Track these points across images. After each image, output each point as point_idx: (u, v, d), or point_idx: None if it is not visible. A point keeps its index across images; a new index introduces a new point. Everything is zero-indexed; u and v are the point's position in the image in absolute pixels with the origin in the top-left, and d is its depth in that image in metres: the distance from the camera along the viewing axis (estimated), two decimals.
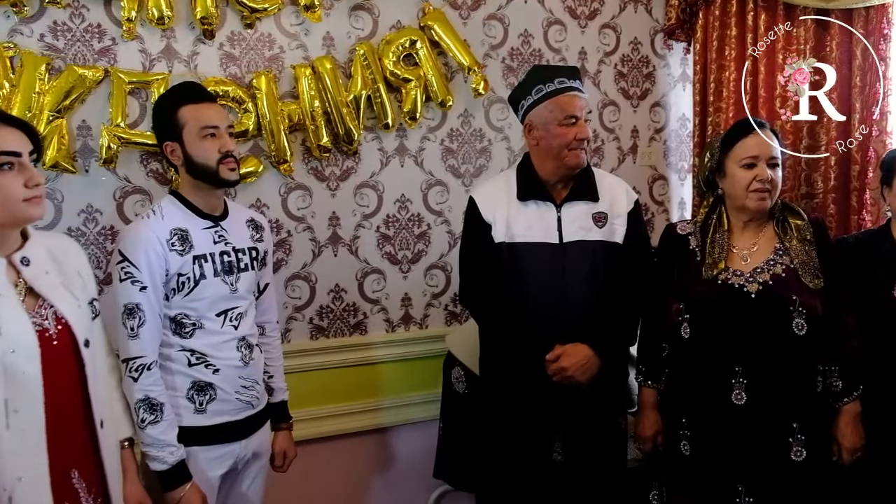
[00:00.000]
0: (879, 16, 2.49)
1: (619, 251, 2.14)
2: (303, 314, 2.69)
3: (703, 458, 2.01)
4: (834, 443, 1.98)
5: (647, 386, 2.16)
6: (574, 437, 2.18)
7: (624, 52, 3.17)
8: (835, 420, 1.97)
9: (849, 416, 1.97)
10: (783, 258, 1.96)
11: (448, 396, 2.60)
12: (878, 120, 2.52)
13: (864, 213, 2.59)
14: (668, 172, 3.32)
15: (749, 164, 1.97)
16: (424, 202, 2.85)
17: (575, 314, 2.08)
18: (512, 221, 2.14)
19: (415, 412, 2.83)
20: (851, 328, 1.98)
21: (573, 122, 2.08)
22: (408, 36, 2.68)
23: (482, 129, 2.91)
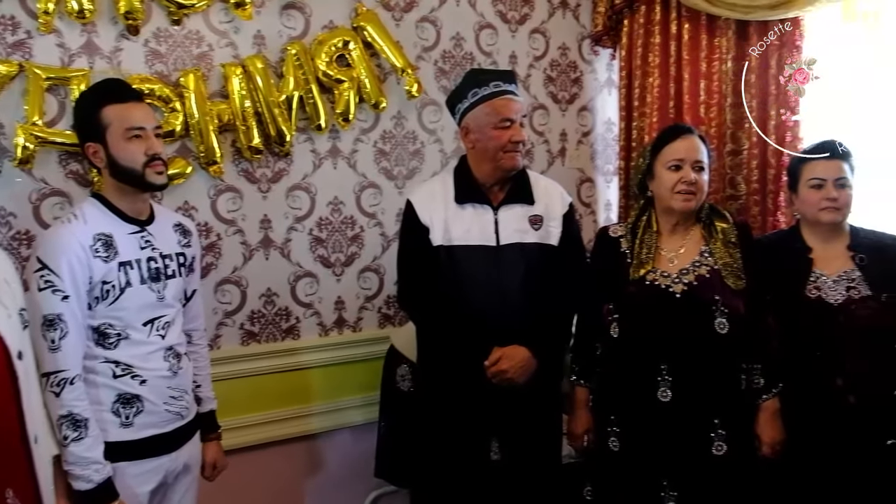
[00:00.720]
0: (793, 28, 2.61)
1: (555, 253, 2.18)
2: (233, 319, 2.62)
3: (630, 454, 2.07)
4: (756, 438, 2.06)
5: (580, 385, 2.21)
6: (511, 436, 2.21)
7: (553, 58, 3.23)
8: (756, 416, 2.06)
9: (768, 413, 2.05)
10: (708, 260, 2.04)
11: (391, 395, 2.58)
12: (792, 126, 2.65)
13: (778, 214, 2.72)
14: (595, 175, 3.41)
15: (675, 166, 2.04)
16: (357, 204, 2.82)
17: (512, 315, 2.11)
18: (450, 224, 2.15)
19: (348, 416, 2.80)
20: (772, 328, 2.07)
21: (508, 125, 2.11)
22: (341, 36, 2.66)
23: (415, 131, 2.91)
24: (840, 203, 2.06)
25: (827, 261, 2.10)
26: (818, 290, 2.07)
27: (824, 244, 2.12)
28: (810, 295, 2.08)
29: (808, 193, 2.11)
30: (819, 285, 2.08)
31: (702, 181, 2.04)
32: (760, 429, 2.05)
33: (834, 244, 2.12)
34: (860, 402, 2.02)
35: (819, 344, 2.06)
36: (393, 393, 2.56)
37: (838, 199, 2.05)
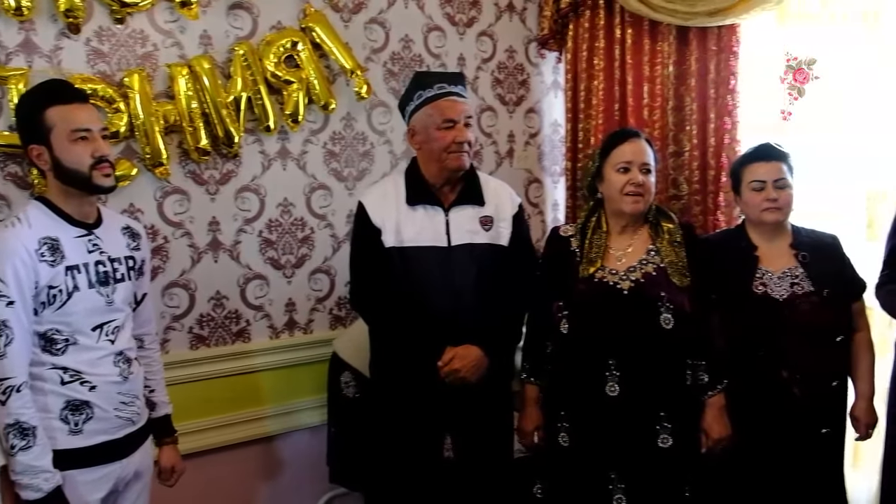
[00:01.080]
0: (729, 34, 2.73)
1: (505, 253, 2.21)
2: (182, 323, 2.58)
3: (579, 448, 2.12)
4: (702, 433, 2.13)
5: (530, 382, 2.25)
6: (464, 434, 2.24)
7: (500, 60, 3.27)
8: (702, 412, 2.12)
9: (714, 409, 2.12)
10: (655, 258, 2.11)
11: (336, 401, 2.59)
12: (730, 129, 2.76)
13: (718, 213, 2.82)
14: (542, 176, 3.47)
15: (624, 168, 2.10)
16: (308, 206, 2.81)
17: (464, 315, 2.13)
18: (401, 226, 2.16)
19: (301, 418, 2.79)
20: (716, 326, 2.14)
21: (451, 126, 2.13)
22: (289, 37, 2.64)
23: (365, 132, 2.92)
24: (781, 203, 2.15)
25: (772, 258, 2.20)
26: (764, 287, 2.16)
27: (769, 243, 2.22)
28: (757, 291, 2.17)
29: (750, 195, 2.20)
30: (765, 281, 2.17)
31: (649, 183, 2.11)
32: (707, 425, 2.11)
33: (778, 243, 2.21)
34: (804, 393, 2.13)
35: (765, 337, 2.15)
36: (338, 399, 2.56)
37: (779, 200, 2.14)
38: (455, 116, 2.13)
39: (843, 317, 2.19)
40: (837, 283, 2.17)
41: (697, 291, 2.09)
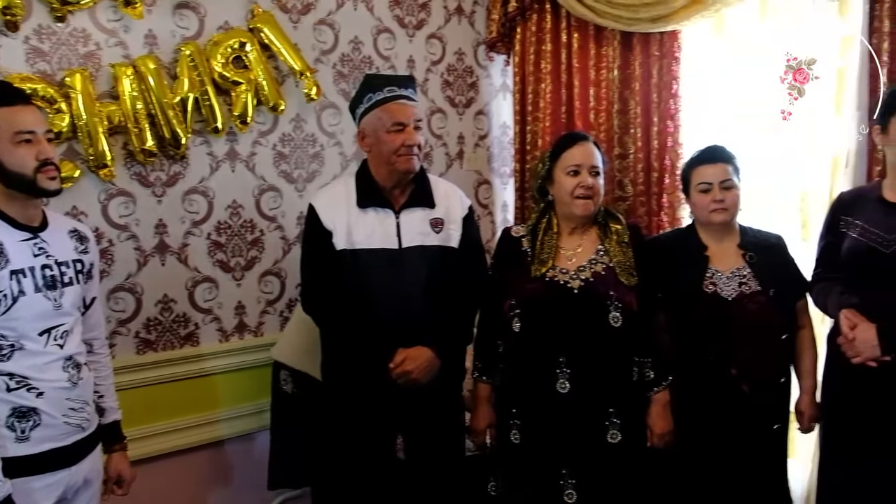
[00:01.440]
0: (671, 40, 2.81)
1: (455, 255, 2.24)
2: (128, 328, 2.53)
3: (531, 445, 2.15)
4: (647, 428, 2.19)
5: (482, 381, 2.27)
6: (416, 434, 2.26)
7: (450, 62, 3.31)
8: (647, 408, 2.19)
9: (659, 405, 2.18)
10: (603, 258, 2.16)
11: (277, 398, 2.59)
12: (672, 132, 2.84)
13: (661, 214, 2.90)
14: (491, 177, 3.52)
15: (573, 171, 2.14)
16: (257, 208, 2.79)
17: (415, 317, 2.15)
18: (353, 228, 2.17)
19: (253, 422, 2.77)
20: (662, 324, 2.21)
21: (401, 129, 2.14)
22: (237, 38, 2.62)
23: (314, 134, 2.91)
24: (727, 204, 2.21)
25: (721, 258, 2.26)
26: (714, 286, 2.23)
27: (718, 243, 2.28)
28: (707, 290, 2.23)
29: (698, 197, 2.27)
30: (715, 281, 2.24)
31: (598, 185, 2.16)
32: (651, 420, 2.18)
33: (726, 243, 2.28)
34: (752, 390, 2.19)
35: (715, 336, 2.21)
36: (279, 396, 2.58)
37: (725, 201, 2.21)
38: (404, 120, 2.14)
39: (788, 315, 2.27)
40: (782, 283, 2.24)
41: (644, 290, 2.15)
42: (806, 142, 2.58)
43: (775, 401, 2.26)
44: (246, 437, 2.78)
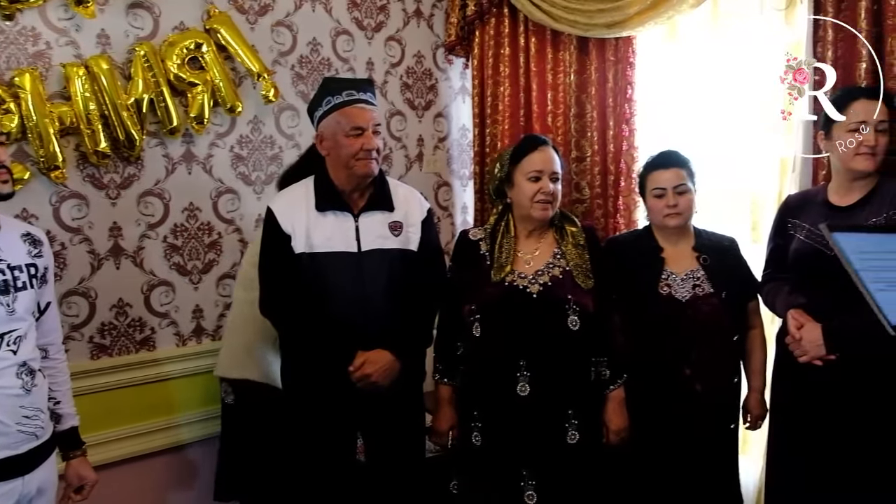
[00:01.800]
0: (626, 46, 2.86)
1: (415, 258, 2.25)
2: (81, 333, 2.49)
3: (492, 447, 2.17)
4: (603, 426, 2.22)
5: (444, 383, 2.29)
6: (376, 437, 2.26)
7: (409, 65, 3.31)
8: (603, 406, 2.22)
9: (615, 402, 2.22)
10: (560, 261, 2.19)
11: (222, 410, 2.54)
12: (628, 136, 2.89)
13: (618, 217, 2.95)
14: (451, 179, 3.53)
15: (535, 177, 2.17)
16: (214, 210, 2.77)
17: (375, 320, 2.15)
18: (311, 232, 2.16)
19: (213, 426, 2.70)
20: (617, 324, 2.24)
21: (360, 133, 2.13)
22: (193, 38, 2.59)
23: (273, 136, 2.89)
24: (680, 208, 2.27)
25: (676, 260, 2.32)
26: (669, 287, 2.28)
27: (673, 245, 2.34)
28: (662, 291, 2.28)
29: (653, 202, 2.32)
30: (670, 283, 2.29)
31: (557, 191, 2.19)
32: (607, 417, 2.22)
33: (681, 245, 2.34)
34: (705, 390, 2.25)
35: (670, 336, 2.26)
36: (223, 408, 2.53)
37: (678, 205, 2.26)
38: (363, 124, 2.14)
39: (739, 317, 2.33)
40: (735, 285, 2.30)
41: (600, 292, 2.18)
42: (755, 145, 2.65)
43: (728, 401, 2.32)
44: (206, 441, 2.75)
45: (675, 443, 2.26)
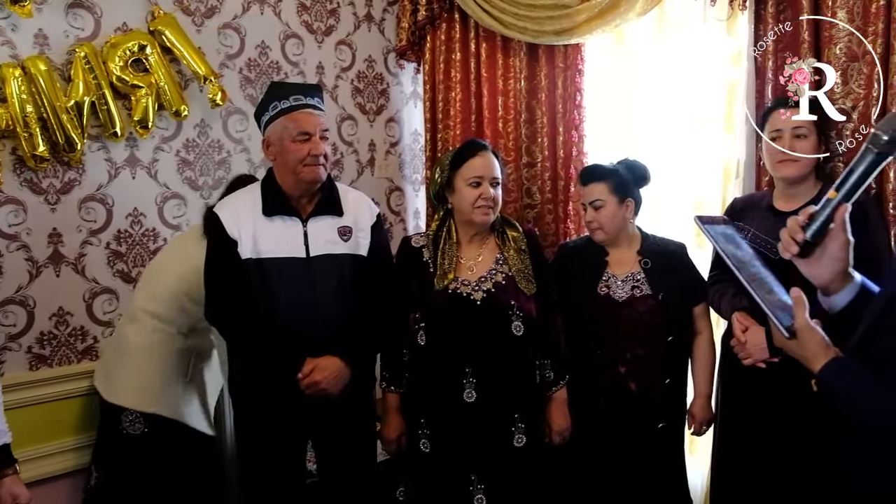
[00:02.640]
0: (574, 53, 2.89)
1: (364, 263, 2.23)
2: (19, 343, 2.41)
3: (440, 453, 2.17)
4: (546, 426, 2.25)
5: (391, 391, 2.28)
6: (327, 445, 2.24)
7: (360, 69, 3.30)
8: (547, 407, 2.25)
9: (557, 402, 2.25)
10: (503, 267, 2.20)
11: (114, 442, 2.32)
12: (577, 142, 2.92)
13: (568, 222, 2.98)
14: (403, 184, 3.52)
15: (475, 182, 2.17)
16: (160, 216, 2.71)
17: (324, 326, 2.12)
18: (258, 237, 2.12)
19: None
20: (559, 326, 2.27)
21: (307, 139, 2.11)
22: (136, 40, 2.53)
23: (220, 140, 2.85)
24: (599, 223, 2.31)
25: (620, 263, 2.36)
26: (607, 288, 2.32)
27: (618, 249, 2.37)
28: (600, 292, 2.32)
29: (583, 215, 2.39)
30: (609, 284, 2.33)
31: (498, 196, 2.20)
32: (550, 418, 2.24)
33: (626, 250, 2.37)
34: (639, 388, 2.29)
35: (606, 335, 2.30)
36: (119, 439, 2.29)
37: (594, 221, 2.32)
38: (310, 129, 2.11)
39: (677, 320, 2.36)
40: (675, 288, 2.34)
41: (542, 295, 2.20)
42: (700, 151, 2.70)
43: (661, 400, 2.35)
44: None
45: (613, 441, 2.30)
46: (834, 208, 1.26)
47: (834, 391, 1.21)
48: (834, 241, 1.27)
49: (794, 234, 1.28)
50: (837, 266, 1.28)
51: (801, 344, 1.24)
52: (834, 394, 1.21)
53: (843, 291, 1.30)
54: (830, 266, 1.28)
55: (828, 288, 1.31)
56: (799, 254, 1.29)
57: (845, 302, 1.30)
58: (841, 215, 1.26)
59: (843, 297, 1.30)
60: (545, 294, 2.23)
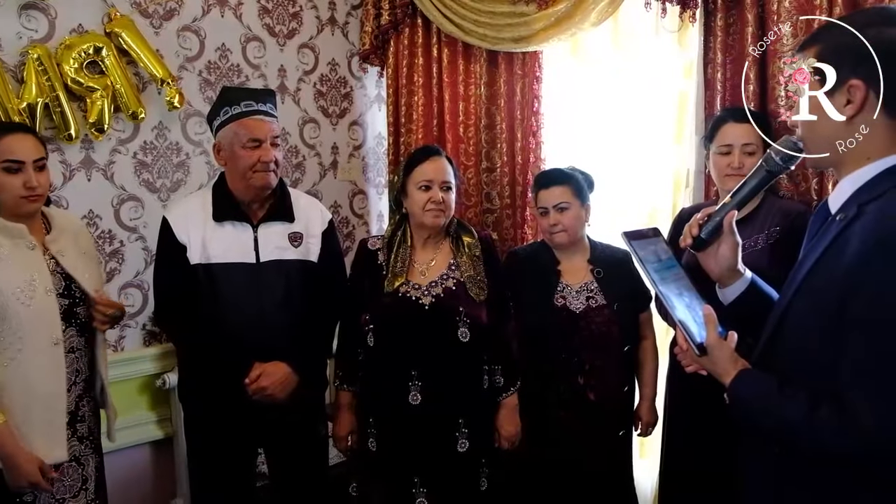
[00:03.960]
0: (533, 61, 2.92)
1: (315, 269, 2.24)
2: None
3: (386, 454, 2.20)
4: (495, 432, 2.27)
5: (343, 389, 2.29)
6: (277, 448, 2.26)
7: (323, 72, 3.30)
8: (496, 412, 2.27)
9: (508, 409, 2.27)
10: (455, 273, 2.22)
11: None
12: (534, 148, 2.95)
13: (525, 227, 3.01)
14: (366, 187, 3.54)
15: (425, 186, 2.19)
16: (116, 218, 2.71)
17: (273, 332, 2.13)
18: (208, 242, 2.13)
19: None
20: (512, 333, 2.29)
21: (257, 145, 2.12)
22: (91, 42, 2.53)
23: (179, 142, 2.85)
24: (563, 225, 2.33)
25: (572, 273, 2.38)
26: (564, 299, 2.34)
27: (569, 258, 2.40)
28: (557, 303, 2.34)
29: (540, 220, 2.40)
30: (565, 295, 2.35)
31: (449, 200, 2.21)
32: (500, 423, 2.26)
33: (577, 258, 2.40)
34: (598, 398, 2.32)
35: (565, 346, 2.32)
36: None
37: (558, 224, 2.33)
38: (261, 136, 2.12)
39: (631, 327, 2.41)
40: (627, 297, 2.38)
41: (494, 302, 2.23)
42: (652, 160, 2.74)
43: (619, 407, 2.39)
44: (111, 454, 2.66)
45: (570, 449, 2.32)
46: (726, 213, 1.40)
47: (740, 403, 1.26)
48: (724, 241, 1.42)
49: (691, 228, 1.45)
50: (726, 263, 1.43)
51: (711, 360, 1.31)
52: (740, 405, 1.26)
53: (734, 286, 1.46)
54: (720, 262, 1.44)
55: (720, 281, 1.47)
56: (694, 247, 1.46)
57: (735, 295, 1.46)
58: (729, 219, 1.41)
59: (733, 291, 1.46)
60: (497, 301, 2.25)
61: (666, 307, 1.35)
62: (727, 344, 1.30)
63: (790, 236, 2.11)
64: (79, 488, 2.00)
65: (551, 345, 2.33)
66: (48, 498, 1.93)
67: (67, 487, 1.98)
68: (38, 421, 1.87)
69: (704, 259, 1.46)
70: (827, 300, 1.16)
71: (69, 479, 1.98)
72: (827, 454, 1.15)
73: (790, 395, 1.17)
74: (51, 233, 1.99)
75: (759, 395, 1.22)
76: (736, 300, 1.46)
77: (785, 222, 2.14)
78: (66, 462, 1.96)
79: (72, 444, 1.97)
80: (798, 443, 1.18)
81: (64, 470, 1.96)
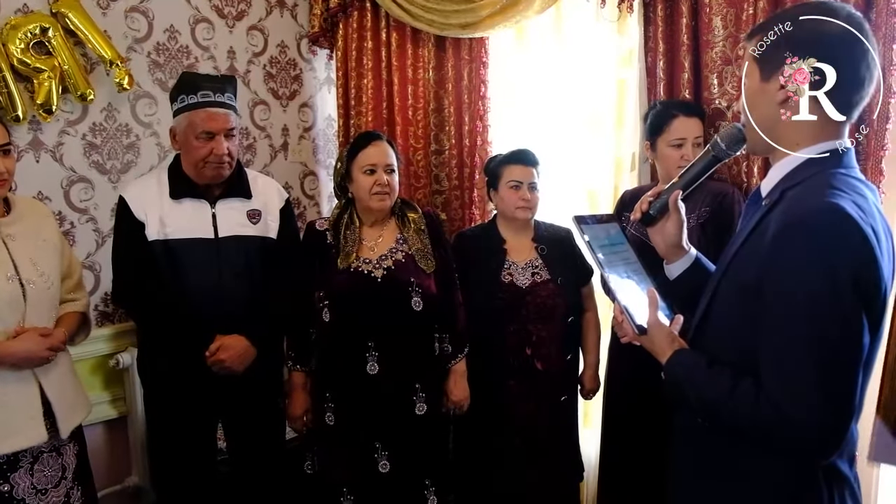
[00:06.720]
0: (479, 46, 3.00)
1: (273, 245, 2.30)
2: None
3: (345, 425, 2.29)
4: (444, 396, 2.39)
5: (296, 370, 2.36)
6: (236, 423, 2.32)
7: (272, 55, 3.32)
8: (446, 378, 2.39)
9: (456, 374, 2.40)
10: (403, 246, 2.32)
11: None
12: (481, 132, 3.05)
13: (473, 208, 3.11)
14: (317, 168, 3.58)
15: (370, 170, 2.27)
16: (66, 200, 2.70)
17: (232, 306, 2.19)
18: (166, 219, 2.16)
19: None
20: (458, 303, 2.41)
21: (210, 138, 2.15)
22: (37, 22, 2.51)
23: (129, 123, 2.84)
24: (532, 203, 2.46)
25: (518, 251, 2.51)
26: (511, 276, 2.47)
27: (516, 236, 2.52)
28: (504, 279, 2.46)
29: (507, 193, 2.48)
30: (511, 271, 2.47)
31: (393, 182, 2.30)
32: (449, 388, 2.38)
33: (522, 237, 2.53)
34: (544, 367, 2.46)
35: (513, 320, 2.45)
36: None
37: (530, 200, 2.46)
38: (214, 129, 2.15)
39: (574, 300, 2.55)
40: (569, 272, 2.52)
41: (441, 273, 2.34)
42: (593, 144, 2.87)
43: (564, 376, 2.54)
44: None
45: (523, 416, 2.46)
46: (673, 191, 1.51)
47: (674, 380, 1.34)
48: (670, 219, 1.52)
49: (642, 204, 1.55)
50: (671, 239, 1.53)
51: (650, 339, 1.38)
52: (675, 383, 1.34)
53: (679, 262, 1.55)
54: (666, 238, 1.54)
55: (667, 257, 1.56)
56: (643, 221, 1.56)
57: (680, 271, 1.55)
58: (675, 198, 1.51)
59: (678, 267, 1.55)
60: (444, 271, 2.36)
61: (610, 290, 1.43)
62: (665, 326, 1.37)
63: (718, 216, 2.28)
64: (59, 478, 1.99)
65: (500, 318, 2.45)
66: (28, 488, 1.92)
67: (48, 478, 1.96)
68: (14, 405, 1.87)
69: (653, 235, 1.57)
70: (748, 282, 1.21)
71: (49, 469, 1.97)
72: (741, 428, 1.22)
73: (717, 373, 1.25)
74: (7, 216, 1.99)
75: (690, 372, 1.30)
76: (680, 276, 1.54)
77: (714, 203, 2.30)
78: (46, 452, 1.96)
79: (51, 433, 1.95)
80: (719, 417, 1.25)
81: (44, 460, 1.95)
